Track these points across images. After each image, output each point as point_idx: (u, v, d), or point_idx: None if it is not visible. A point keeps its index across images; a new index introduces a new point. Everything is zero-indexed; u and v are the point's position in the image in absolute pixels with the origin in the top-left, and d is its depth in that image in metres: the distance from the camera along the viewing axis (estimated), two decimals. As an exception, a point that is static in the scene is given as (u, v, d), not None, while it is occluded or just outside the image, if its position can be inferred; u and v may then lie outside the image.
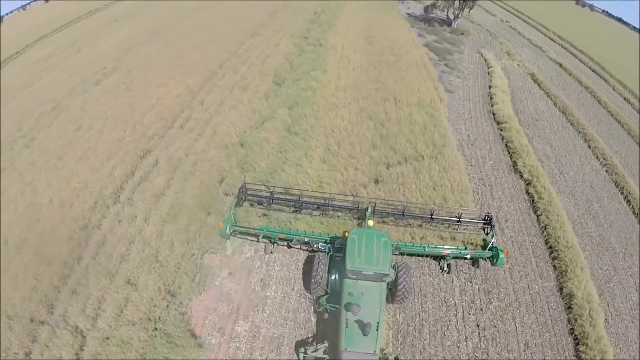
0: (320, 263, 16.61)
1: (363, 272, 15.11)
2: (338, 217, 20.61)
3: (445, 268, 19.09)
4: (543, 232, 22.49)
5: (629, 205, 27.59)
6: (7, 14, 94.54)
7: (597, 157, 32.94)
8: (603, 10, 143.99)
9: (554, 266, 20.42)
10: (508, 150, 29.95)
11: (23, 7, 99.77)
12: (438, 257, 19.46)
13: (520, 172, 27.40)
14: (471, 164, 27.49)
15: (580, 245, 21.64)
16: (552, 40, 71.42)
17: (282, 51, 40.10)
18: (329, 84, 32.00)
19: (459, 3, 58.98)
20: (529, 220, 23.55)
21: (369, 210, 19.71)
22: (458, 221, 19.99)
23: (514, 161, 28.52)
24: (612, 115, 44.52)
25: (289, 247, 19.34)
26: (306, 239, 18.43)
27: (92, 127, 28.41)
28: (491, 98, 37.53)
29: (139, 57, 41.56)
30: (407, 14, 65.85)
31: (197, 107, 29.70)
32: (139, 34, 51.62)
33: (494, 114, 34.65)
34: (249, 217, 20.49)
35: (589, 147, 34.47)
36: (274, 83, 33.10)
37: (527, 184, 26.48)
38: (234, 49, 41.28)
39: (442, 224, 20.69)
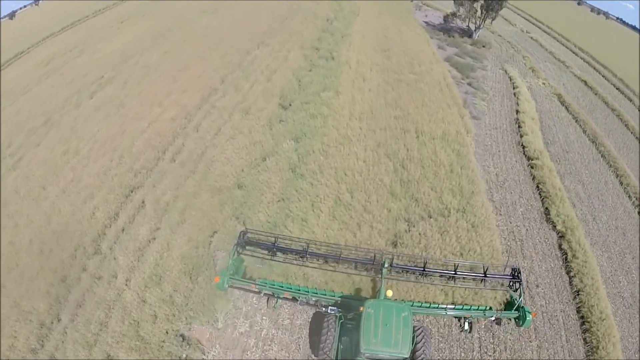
0: (330, 328, 14.11)
1: (380, 355, 12.62)
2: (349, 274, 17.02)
3: (466, 327, 16.28)
4: (575, 297, 19.22)
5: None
6: (20, 8, 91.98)
7: (629, 196, 29.50)
8: (617, 18, 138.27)
9: (585, 340, 17.45)
10: (540, 194, 25.93)
11: (35, 2, 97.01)
12: None
13: (553, 222, 23.48)
14: (500, 213, 23.40)
15: (611, 308, 18.65)
16: (573, 52, 66.34)
17: (291, 65, 35.54)
18: (341, 109, 27.47)
19: (481, 13, 53.95)
20: (560, 284, 20.07)
21: (386, 265, 15.98)
22: (484, 277, 16.42)
23: (546, 207, 24.60)
24: (638, 139, 40.54)
25: (295, 300, 16.01)
26: (314, 299, 15.52)
27: (79, 151, 25.39)
28: (519, 127, 33.08)
29: (137, 66, 37.56)
30: (425, 22, 60.85)
31: (192, 134, 25.57)
32: (142, 37, 47.81)
33: (523, 147, 30.27)
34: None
35: (621, 183, 30.87)
36: (279, 106, 28.68)
37: (560, 237, 22.75)
38: (238, 61, 37.05)
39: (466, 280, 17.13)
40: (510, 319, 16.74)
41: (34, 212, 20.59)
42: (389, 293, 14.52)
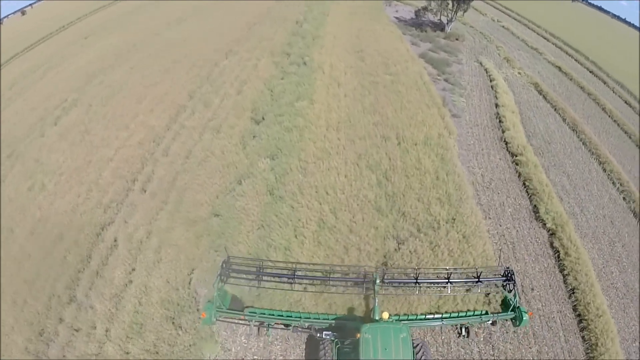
0: (326, 354, 13.86)
1: None
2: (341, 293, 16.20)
3: (464, 333, 16.38)
4: (570, 296, 19.19)
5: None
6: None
7: (613, 183, 29.70)
8: (583, 0, 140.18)
9: (583, 337, 17.48)
10: (527, 191, 25.45)
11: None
12: None
13: (542, 220, 23.08)
14: (489, 216, 22.75)
15: (606, 300, 18.89)
16: (545, 38, 66.87)
17: (261, 74, 33.93)
18: (317, 119, 26.03)
19: (453, 5, 53.28)
20: (555, 284, 19.89)
21: (378, 280, 15.07)
22: (478, 281, 15.92)
23: (535, 205, 24.16)
24: (618, 125, 41.25)
25: (287, 326, 15.43)
26: (307, 325, 14.90)
27: (45, 186, 23.54)
28: (500, 121, 32.44)
29: (102, 86, 35.44)
30: (396, 18, 59.78)
31: (161, 159, 23.86)
32: (106, 54, 45.61)
33: (506, 143, 29.64)
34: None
35: (604, 170, 31.03)
36: (251, 120, 27.08)
37: (551, 234, 22.46)
38: (206, 74, 35.33)
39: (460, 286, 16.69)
40: (506, 320, 16.46)
41: (3, 257, 19.03)
42: (385, 315, 13.56)
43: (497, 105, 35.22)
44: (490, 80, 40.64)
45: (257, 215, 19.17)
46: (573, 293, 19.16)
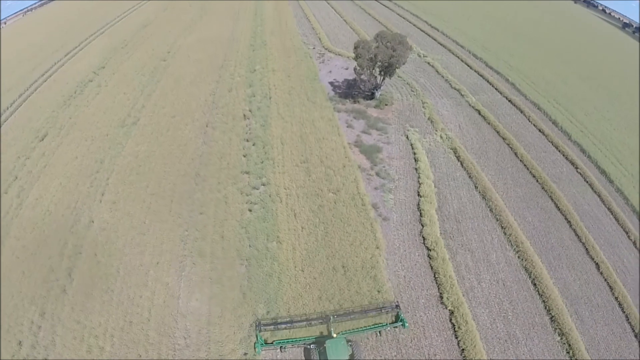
0: (312, 356, 35.87)
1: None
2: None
3: (378, 334, 38.18)
4: (461, 353, 38.10)
5: (535, 288, 44.09)
6: None
7: (510, 244, 48.35)
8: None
9: None
10: (436, 281, 44.13)
11: None
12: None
13: (445, 304, 41.82)
14: (408, 311, 41.32)
15: (490, 350, 37.96)
16: (467, 65, 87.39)
17: (233, 211, 50.77)
18: (287, 261, 44.07)
19: (380, 73, 71.92)
20: (452, 348, 38.55)
21: (332, 319, 37.46)
22: (381, 311, 39.04)
23: (441, 293, 42.81)
24: (527, 167, 60.60)
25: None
26: (304, 344, 36.96)
27: (99, 350, 40.51)
28: (421, 215, 51.38)
29: (95, 229, 49.09)
30: (330, 84, 78.40)
31: (188, 315, 40.37)
32: (77, 175, 57.38)
33: (424, 238, 48.62)
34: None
35: (505, 234, 49.71)
36: (241, 266, 44.55)
37: (451, 313, 41.22)
38: (187, 213, 50.77)
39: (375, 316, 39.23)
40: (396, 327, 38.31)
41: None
42: (334, 335, 35.85)
43: (419, 195, 54.28)
44: (415, 161, 59.67)
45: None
46: (463, 352, 38.03)
